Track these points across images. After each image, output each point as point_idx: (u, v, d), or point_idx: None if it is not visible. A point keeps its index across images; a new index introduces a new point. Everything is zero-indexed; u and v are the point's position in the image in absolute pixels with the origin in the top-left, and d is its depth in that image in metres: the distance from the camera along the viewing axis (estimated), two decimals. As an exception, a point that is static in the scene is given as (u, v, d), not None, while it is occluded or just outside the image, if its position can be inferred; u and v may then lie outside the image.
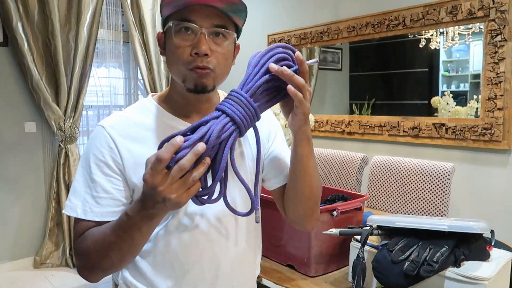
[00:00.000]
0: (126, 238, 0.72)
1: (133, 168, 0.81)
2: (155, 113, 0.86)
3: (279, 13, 3.55)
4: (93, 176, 0.80)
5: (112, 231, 0.73)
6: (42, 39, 2.94)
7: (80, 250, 0.78)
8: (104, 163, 0.80)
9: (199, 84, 0.79)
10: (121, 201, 0.81)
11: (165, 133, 0.83)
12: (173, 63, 0.80)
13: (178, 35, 0.78)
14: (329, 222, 1.30)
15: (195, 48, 0.77)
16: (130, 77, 3.74)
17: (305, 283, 1.27)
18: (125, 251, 0.74)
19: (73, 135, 3.12)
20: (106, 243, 0.74)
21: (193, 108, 0.87)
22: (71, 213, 0.80)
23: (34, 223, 3.12)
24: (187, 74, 0.79)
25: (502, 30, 2.20)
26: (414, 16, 2.58)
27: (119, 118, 0.85)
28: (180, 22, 0.77)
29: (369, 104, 3.00)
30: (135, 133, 0.83)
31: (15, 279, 2.88)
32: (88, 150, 0.82)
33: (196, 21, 0.77)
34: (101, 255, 0.75)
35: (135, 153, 0.81)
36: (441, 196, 2.01)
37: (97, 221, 0.79)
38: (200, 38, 0.77)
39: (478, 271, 1.00)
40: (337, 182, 2.45)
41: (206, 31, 0.77)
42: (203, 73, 0.78)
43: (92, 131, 1.13)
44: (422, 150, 2.62)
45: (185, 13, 0.77)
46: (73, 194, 0.82)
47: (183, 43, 0.78)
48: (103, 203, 0.79)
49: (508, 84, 2.21)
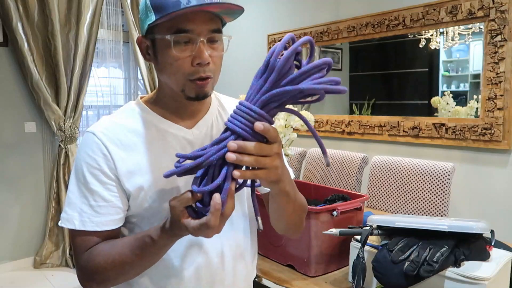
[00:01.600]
0: (152, 257, 0.75)
1: (126, 175, 0.79)
2: (145, 117, 0.84)
3: (279, 13, 3.54)
4: (89, 185, 0.77)
5: (133, 252, 0.74)
6: (42, 39, 2.94)
7: (89, 268, 0.77)
8: (100, 171, 0.78)
9: (200, 93, 0.78)
10: (121, 208, 0.80)
11: (157, 138, 0.82)
12: (171, 73, 0.77)
13: (177, 46, 0.74)
14: (329, 222, 1.30)
15: (197, 58, 0.74)
16: (130, 77, 3.74)
17: (305, 283, 1.27)
18: (148, 266, 0.77)
19: (73, 135, 3.12)
20: (128, 263, 0.74)
21: (185, 111, 0.85)
22: (68, 225, 0.78)
23: (34, 223, 3.12)
24: (187, 84, 0.77)
25: (502, 30, 2.20)
26: (414, 16, 2.57)
27: (109, 123, 0.82)
28: (178, 34, 0.73)
29: (369, 104, 3.00)
30: (126, 139, 0.80)
31: (15, 279, 2.88)
32: (80, 159, 0.79)
33: (194, 30, 0.74)
34: (119, 273, 0.76)
35: (128, 161, 0.79)
36: (441, 196, 2.01)
37: (98, 231, 0.77)
38: (200, 48, 0.74)
39: (478, 271, 1.00)
40: (337, 182, 2.45)
41: (204, 38, 0.74)
42: (205, 83, 0.77)
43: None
44: (422, 150, 2.62)
45: (180, 23, 0.73)
46: (69, 205, 0.79)
47: (183, 54, 0.74)
48: (103, 211, 0.78)
49: (508, 84, 2.21)
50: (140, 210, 0.81)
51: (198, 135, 0.86)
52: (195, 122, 0.87)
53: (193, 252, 0.84)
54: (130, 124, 0.83)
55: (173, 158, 0.80)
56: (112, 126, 0.81)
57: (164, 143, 0.83)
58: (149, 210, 0.81)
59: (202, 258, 0.84)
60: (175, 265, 0.83)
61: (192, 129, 0.86)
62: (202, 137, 0.87)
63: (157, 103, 0.86)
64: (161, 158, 0.81)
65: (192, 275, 0.84)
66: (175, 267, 0.83)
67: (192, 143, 0.85)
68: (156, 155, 0.81)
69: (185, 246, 0.83)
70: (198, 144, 0.85)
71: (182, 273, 0.83)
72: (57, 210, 3.12)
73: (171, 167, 0.69)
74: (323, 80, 0.62)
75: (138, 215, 0.82)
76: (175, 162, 0.68)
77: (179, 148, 0.83)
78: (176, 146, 0.83)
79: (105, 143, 0.79)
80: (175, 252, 0.82)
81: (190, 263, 0.84)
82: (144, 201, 0.81)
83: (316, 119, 3.23)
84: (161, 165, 0.81)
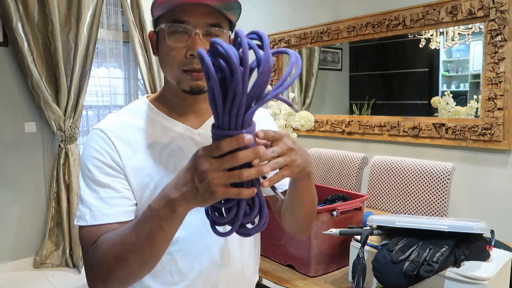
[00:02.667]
0: (147, 237, 0.65)
1: (131, 173, 0.78)
2: (150, 115, 0.84)
3: (279, 13, 3.55)
4: (97, 179, 0.76)
5: (132, 230, 0.67)
6: (42, 39, 2.94)
7: (93, 259, 0.71)
8: (106, 165, 0.77)
9: (195, 86, 0.77)
10: (131, 200, 0.78)
11: (163, 137, 0.82)
12: (167, 65, 0.78)
13: (172, 36, 0.76)
14: (329, 222, 1.30)
15: (190, 49, 0.74)
16: (130, 77, 3.74)
17: (305, 283, 1.27)
18: (147, 254, 0.67)
19: (73, 135, 3.12)
20: (126, 246, 0.67)
21: (189, 108, 0.85)
22: (81, 222, 0.75)
23: (34, 223, 3.12)
24: (181, 76, 0.77)
25: (502, 30, 2.20)
26: (414, 16, 2.57)
27: (115, 121, 0.82)
28: (173, 24, 0.75)
29: (369, 104, 3.00)
30: (133, 137, 0.80)
31: (15, 279, 2.88)
32: (87, 154, 0.78)
33: (190, 21, 0.74)
34: (119, 261, 0.67)
35: (133, 159, 0.79)
36: (441, 196, 2.01)
37: (111, 223, 0.74)
38: (194, 39, 0.74)
39: (478, 271, 1.00)
40: (337, 182, 2.45)
41: (200, 31, 0.75)
42: (199, 75, 0.76)
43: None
44: (422, 150, 2.62)
45: (178, 14, 0.74)
46: (81, 203, 0.77)
47: (177, 44, 0.75)
48: (115, 203, 0.75)
49: (508, 84, 2.21)
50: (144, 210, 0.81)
51: (205, 136, 0.85)
52: (201, 122, 0.86)
53: (199, 254, 0.83)
54: (136, 122, 0.82)
55: (178, 158, 0.81)
56: (118, 124, 0.81)
57: (170, 143, 0.82)
58: None
59: (207, 261, 0.84)
60: (182, 268, 0.82)
61: (198, 129, 0.85)
62: (209, 138, 0.84)
63: (162, 101, 0.86)
64: (167, 158, 0.81)
65: (197, 277, 0.84)
66: (182, 270, 0.82)
67: (199, 144, 0.83)
68: (162, 155, 0.81)
69: (191, 249, 0.83)
70: (204, 145, 0.83)
71: (188, 276, 0.83)
72: (57, 210, 3.12)
73: (177, 168, 0.72)
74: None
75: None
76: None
77: (185, 148, 0.82)
78: (182, 146, 0.82)
79: (112, 139, 0.78)
80: (182, 253, 0.82)
81: (196, 266, 0.83)
82: (148, 201, 0.78)
83: (316, 119, 3.23)
84: (167, 166, 0.80)
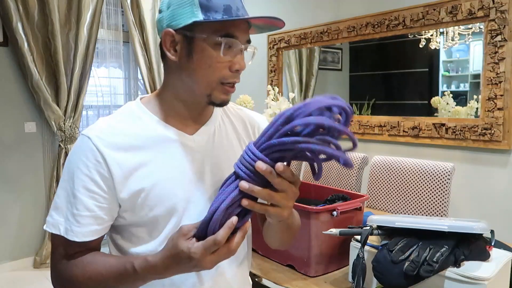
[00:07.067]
0: (127, 286, 0.73)
1: (122, 181, 0.76)
2: (144, 119, 0.81)
3: (279, 13, 3.54)
4: (75, 191, 0.75)
5: (112, 277, 0.73)
6: (42, 39, 2.94)
7: (66, 276, 0.76)
8: (90, 178, 0.75)
9: (226, 100, 0.80)
10: (103, 219, 0.77)
11: (156, 143, 0.80)
12: (204, 75, 0.76)
13: (223, 49, 0.74)
14: (329, 222, 1.30)
15: (236, 64, 0.76)
16: (130, 77, 3.74)
17: (305, 283, 1.27)
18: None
19: (73, 135, 3.12)
20: (102, 284, 0.74)
21: (189, 116, 0.83)
22: (53, 230, 0.76)
23: (34, 223, 3.12)
24: (217, 87, 0.77)
25: (502, 30, 2.20)
26: (414, 16, 2.57)
27: (106, 127, 0.79)
28: (228, 38, 0.74)
29: (369, 104, 3.00)
30: (123, 143, 0.77)
31: (15, 279, 2.88)
32: (72, 163, 0.77)
33: (238, 37, 0.76)
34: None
35: (124, 165, 0.76)
36: (441, 196, 2.01)
37: (77, 242, 0.75)
38: (242, 55, 0.77)
39: (478, 271, 1.00)
40: (337, 182, 2.45)
41: (243, 47, 0.77)
42: (233, 90, 0.79)
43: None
44: (422, 150, 2.62)
45: (230, 28, 0.74)
46: (55, 209, 0.77)
47: (225, 58, 0.75)
48: (84, 222, 0.75)
49: (508, 84, 2.21)
50: (136, 218, 0.79)
51: (200, 142, 0.84)
52: (196, 129, 0.84)
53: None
54: (128, 127, 0.79)
55: (172, 164, 0.80)
56: (108, 129, 0.78)
57: (164, 148, 0.80)
58: (145, 218, 0.78)
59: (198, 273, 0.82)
60: (174, 280, 0.79)
61: (193, 135, 0.83)
62: (204, 145, 0.84)
63: (158, 103, 0.83)
64: (160, 164, 0.79)
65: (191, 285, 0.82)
66: (174, 282, 0.80)
67: (193, 150, 0.82)
68: (155, 160, 0.78)
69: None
70: (199, 151, 0.83)
71: (183, 283, 0.81)
72: (57, 210, 3.12)
73: (170, 175, 0.75)
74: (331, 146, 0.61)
75: (135, 223, 0.80)
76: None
77: (179, 155, 0.81)
78: (176, 153, 0.80)
79: (100, 149, 0.75)
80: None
81: (190, 278, 0.81)
82: (141, 209, 0.78)
83: (316, 119, 3.23)
84: (160, 172, 0.78)
